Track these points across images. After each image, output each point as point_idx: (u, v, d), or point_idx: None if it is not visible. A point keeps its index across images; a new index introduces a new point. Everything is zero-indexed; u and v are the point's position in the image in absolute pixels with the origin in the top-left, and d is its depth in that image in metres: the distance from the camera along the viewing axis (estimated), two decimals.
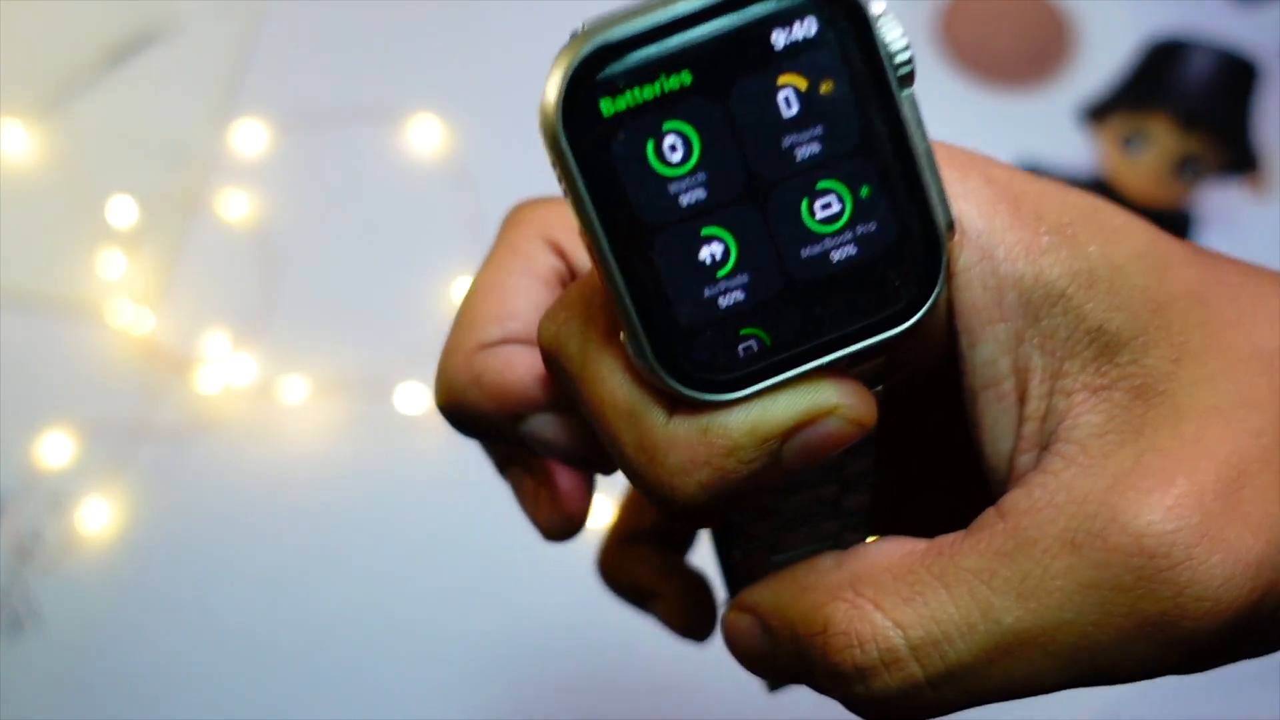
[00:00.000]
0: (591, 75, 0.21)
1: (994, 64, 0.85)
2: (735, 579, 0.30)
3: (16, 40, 0.81)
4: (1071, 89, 0.83)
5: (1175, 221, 0.77)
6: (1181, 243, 0.25)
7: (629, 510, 0.35)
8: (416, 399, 0.71)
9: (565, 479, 0.31)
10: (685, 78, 0.21)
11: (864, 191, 0.22)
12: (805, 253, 0.22)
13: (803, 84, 0.21)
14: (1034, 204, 0.24)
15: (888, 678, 0.23)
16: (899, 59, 0.21)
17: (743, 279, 0.22)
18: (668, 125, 0.21)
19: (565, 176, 0.21)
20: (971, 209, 0.24)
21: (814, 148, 0.21)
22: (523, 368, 0.28)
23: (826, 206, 0.22)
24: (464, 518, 0.69)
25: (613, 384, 0.23)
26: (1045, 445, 0.24)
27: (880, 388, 0.25)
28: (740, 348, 0.22)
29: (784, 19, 0.21)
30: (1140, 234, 0.25)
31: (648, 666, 0.65)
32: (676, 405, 0.23)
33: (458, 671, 0.66)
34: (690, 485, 0.23)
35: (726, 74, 0.21)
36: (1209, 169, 0.70)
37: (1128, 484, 0.23)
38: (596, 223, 0.21)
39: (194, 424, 0.70)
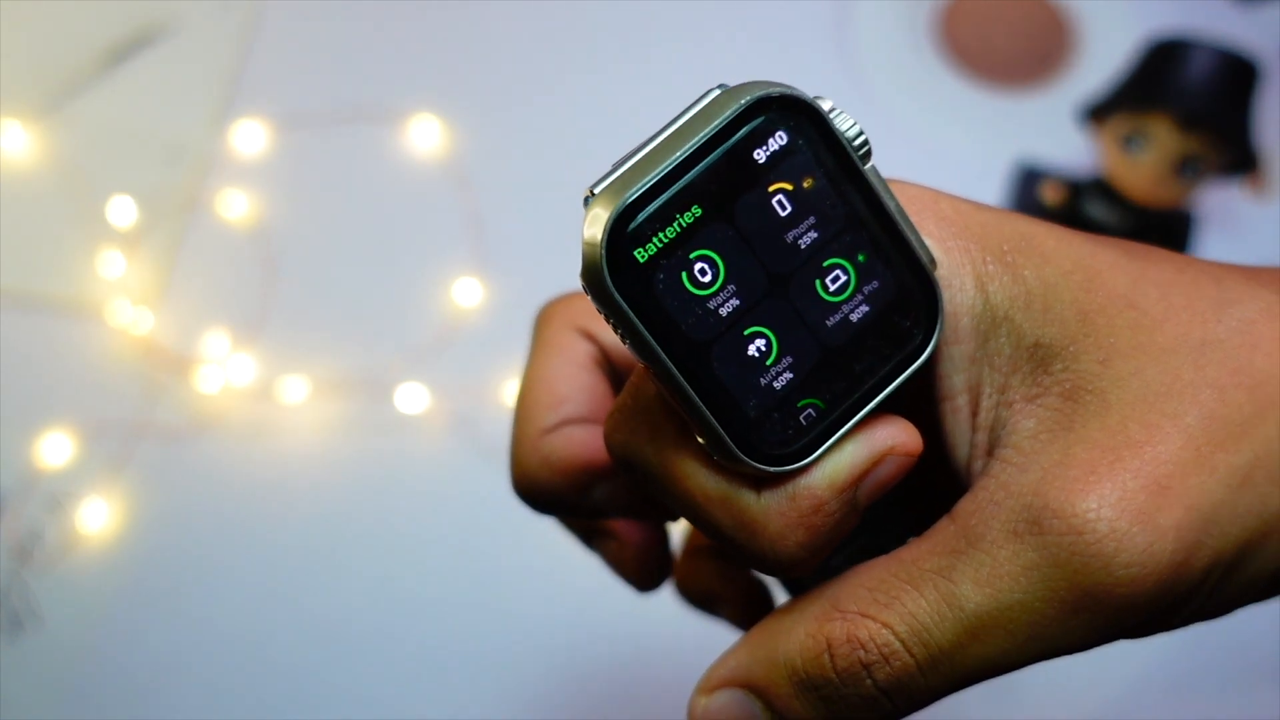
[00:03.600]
0: (621, 234, 0.24)
1: (994, 64, 0.85)
2: (802, 584, 0.34)
3: (16, 40, 0.81)
4: (1071, 89, 0.83)
5: (1176, 221, 0.77)
6: (1118, 250, 0.28)
7: (695, 530, 0.38)
8: (416, 399, 0.71)
9: (643, 537, 0.35)
10: (696, 211, 0.24)
11: (861, 258, 0.25)
12: (830, 321, 0.26)
13: (789, 186, 0.25)
14: (979, 235, 0.27)
15: (888, 668, 0.26)
16: (856, 142, 0.26)
17: (788, 360, 0.25)
18: (694, 255, 0.24)
19: (622, 323, 0.24)
20: (929, 245, 0.27)
21: (812, 235, 0.25)
22: (582, 444, 0.32)
23: (836, 279, 0.25)
24: (463, 517, 0.69)
25: (700, 478, 0.26)
26: (990, 452, 0.28)
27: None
28: (802, 417, 0.26)
29: (759, 138, 0.24)
30: (1069, 253, 0.28)
31: (646, 664, 0.65)
32: (761, 483, 0.26)
33: (456, 671, 0.65)
34: (790, 546, 0.26)
35: (727, 197, 0.24)
36: (1209, 169, 0.70)
37: (1056, 474, 0.26)
38: (660, 353, 0.24)
39: (194, 424, 0.70)
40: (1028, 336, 0.27)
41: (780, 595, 0.36)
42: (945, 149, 0.81)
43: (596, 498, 0.33)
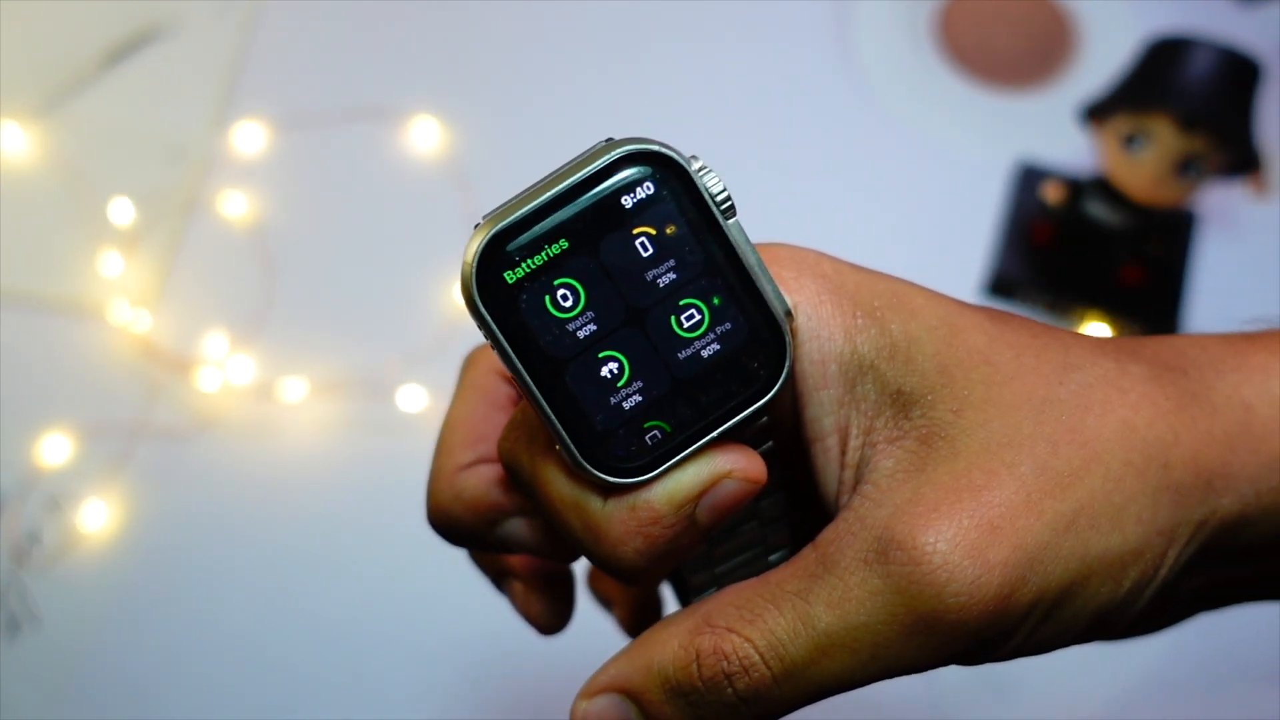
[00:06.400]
0: (493, 257, 0.27)
1: (994, 64, 0.85)
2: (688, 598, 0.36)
3: (16, 40, 0.81)
4: (1072, 89, 0.83)
5: (1176, 221, 0.77)
6: (980, 313, 0.31)
7: None
8: (416, 398, 0.71)
9: (549, 582, 0.38)
10: (563, 244, 0.27)
11: (716, 301, 0.28)
12: (681, 355, 0.28)
13: (653, 231, 0.28)
14: (852, 292, 0.30)
15: (747, 679, 0.29)
16: (719, 199, 0.28)
17: (638, 385, 0.28)
18: (557, 282, 0.27)
19: (489, 335, 0.27)
20: (802, 299, 0.30)
21: (671, 276, 0.28)
22: (492, 481, 0.34)
23: (690, 318, 0.28)
24: None
25: (558, 484, 0.29)
26: (854, 487, 0.30)
27: (770, 444, 0.31)
28: (647, 437, 0.28)
29: (629, 187, 0.27)
30: (936, 310, 0.30)
31: None
32: (609, 492, 0.29)
33: (457, 671, 0.65)
34: (629, 553, 0.29)
35: (594, 235, 0.27)
36: (1210, 169, 0.70)
37: (904, 511, 0.29)
38: (519, 365, 0.28)
39: (193, 424, 0.70)
40: (891, 384, 0.30)
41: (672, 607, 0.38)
42: (945, 149, 0.81)
43: (503, 533, 0.35)
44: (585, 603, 0.45)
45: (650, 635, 0.31)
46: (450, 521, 0.35)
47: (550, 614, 0.38)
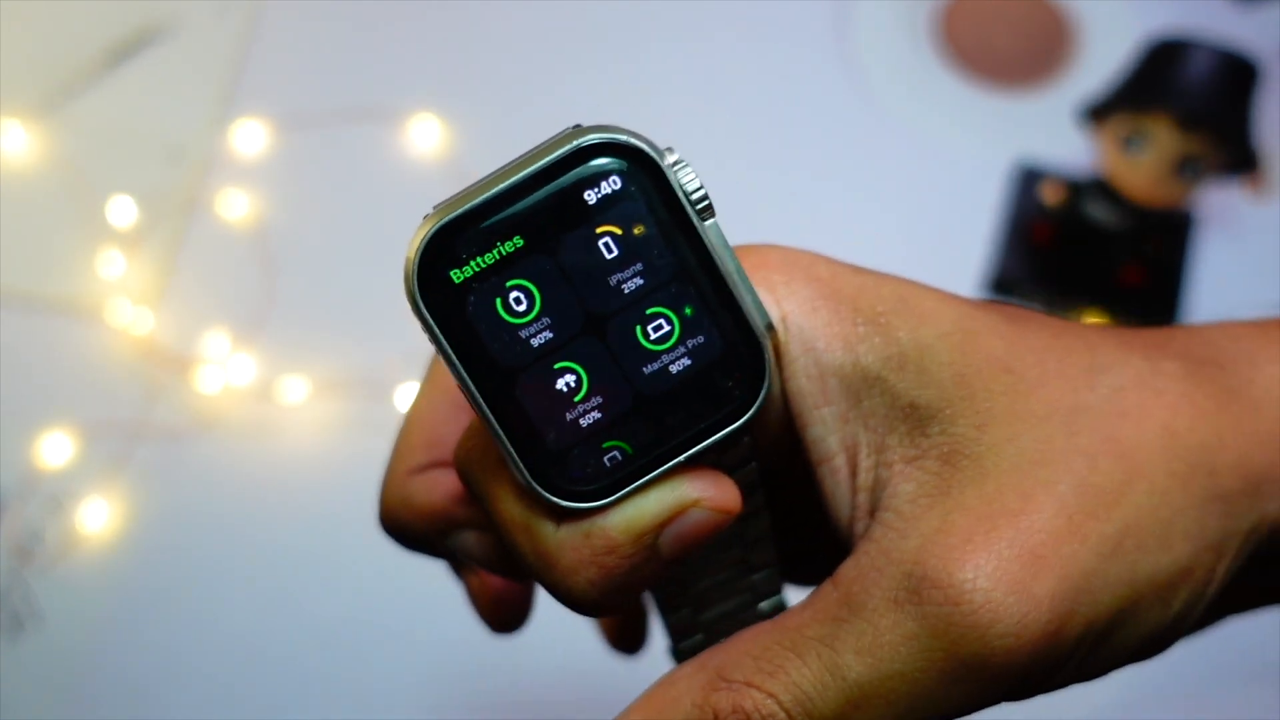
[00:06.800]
0: (438, 252, 0.25)
1: (994, 64, 0.85)
2: (676, 638, 0.33)
3: (16, 40, 0.81)
4: (1071, 89, 0.83)
5: (1175, 221, 0.77)
6: (996, 314, 0.28)
7: None
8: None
9: (506, 580, 0.35)
10: (518, 241, 0.25)
11: (688, 311, 0.25)
12: (647, 369, 0.26)
13: (618, 230, 0.25)
14: (852, 297, 0.27)
15: None
16: (695, 197, 0.25)
17: (597, 400, 0.26)
18: (510, 283, 0.25)
19: (433, 339, 0.25)
20: (794, 307, 0.27)
21: (637, 281, 0.25)
22: (445, 490, 0.32)
23: (658, 328, 0.25)
24: None
25: (509, 503, 0.27)
26: (872, 513, 0.28)
27: (753, 464, 0.28)
28: (606, 458, 0.26)
29: (592, 181, 0.25)
30: (948, 314, 0.27)
31: (650, 669, 0.65)
32: (562, 516, 0.26)
33: (457, 672, 0.66)
34: (581, 583, 0.26)
35: (552, 233, 0.25)
36: (1209, 169, 0.70)
37: (935, 542, 0.26)
38: (464, 373, 0.25)
39: (194, 424, 0.70)
40: (902, 397, 0.27)
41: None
42: (945, 149, 0.81)
43: (454, 544, 0.33)
44: None
45: (656, 693, 0.28)
46: (399, 527, 0.33)
47: (501, 615, 0.36)
